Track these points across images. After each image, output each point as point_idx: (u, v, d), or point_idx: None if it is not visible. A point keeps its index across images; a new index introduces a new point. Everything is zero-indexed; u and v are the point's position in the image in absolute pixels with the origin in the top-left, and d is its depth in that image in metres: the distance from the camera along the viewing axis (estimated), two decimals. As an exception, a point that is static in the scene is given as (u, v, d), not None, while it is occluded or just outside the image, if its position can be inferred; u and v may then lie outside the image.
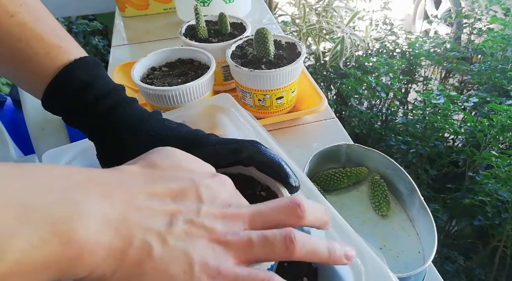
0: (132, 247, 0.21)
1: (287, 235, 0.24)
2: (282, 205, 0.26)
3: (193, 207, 0.24)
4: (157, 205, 0.23)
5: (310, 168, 0.56)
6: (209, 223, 0.24)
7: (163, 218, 0.23)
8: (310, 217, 0.26)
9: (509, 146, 1.11)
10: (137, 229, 0.22)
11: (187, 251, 0.22)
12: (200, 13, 0.65)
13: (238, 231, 0.25)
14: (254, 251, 0.24)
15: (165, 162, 0.27)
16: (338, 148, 0.58)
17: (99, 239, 0.20)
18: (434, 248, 0.46)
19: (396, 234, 0.52)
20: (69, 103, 0.35)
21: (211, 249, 0.23)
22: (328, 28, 1.50)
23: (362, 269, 0.30)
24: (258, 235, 0.24)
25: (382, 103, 1.57)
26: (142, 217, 0.22)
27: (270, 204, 0.27)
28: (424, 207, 0.50)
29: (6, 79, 1.30)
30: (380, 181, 0.56)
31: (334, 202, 0.56)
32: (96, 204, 0.21)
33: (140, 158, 0.27)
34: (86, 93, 0.35)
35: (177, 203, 0.24)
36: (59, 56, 0.35)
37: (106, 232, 0.21)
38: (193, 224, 0.24)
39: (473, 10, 1.72)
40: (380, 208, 0.54)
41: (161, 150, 0.28)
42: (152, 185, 0.24)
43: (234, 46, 0.64)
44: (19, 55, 0.35)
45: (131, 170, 0.25)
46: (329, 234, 0.33)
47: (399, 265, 0.48)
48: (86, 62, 0.36)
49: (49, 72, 0.35)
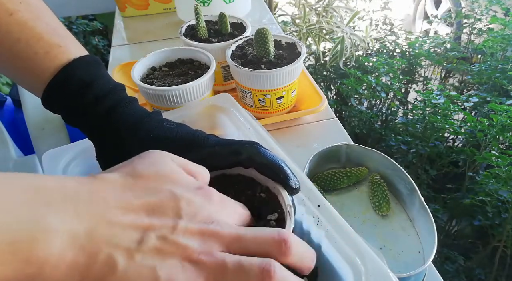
0: (96, 263, 0.21)
1: (266, 268, 0.22)
2: (267, 236, 0.25)
3: (169, 222, 0.23)
4: (129, 220, 0.22)
5: (310, 168, 0.56)
6: (184, 241, 0.23)
7: (134, 234, 0.22)
8: (295, 257, 0.25)
9: (509, 146, 1.11)
10: (105, 245, 0.21)
11: (154, 269, 0.22)
12: (200, 13, 0.65)
13: (214, 252, 0.23)
14: (227, 276, 0.23)
15: (147, 171, 0.25)
16: (338, 148, 0.58)
17: (63, 255, 0.20)
18: (434, 248, 0.46)
19: (396, 234, 0.52)
20: (68, 103, 0.35)
21: (181, 268, 0.22)
22: (328, 28, 1.50)
23: (362, 269, 0.30)
24: (234, 260, 0.23)
25: (382, 103, 1.57)
26: (112, 232, 0.22)
27: (256, 231, 0.25)
28: (424, 207, 0.50)
29: (7, 77, 1.30)
30: (380, 181, 0.56)
31: (334, 202, 0.56)
32: (63, 220, 0.21)
33: (124, 165, 0.26)
34: (85, 93, 0.35)
35: (152, 218, 0.23)
36: (58, 56, 0.35)
37: (71, 248, 0.20)
38: (166, 241, 0.22)
39: (473, 10, 1.72)
40: (380, 208, 0.54)
41: (149, 156, 0.27)
42: (128, 197, 0.23)
43: (234, 46, 0.64)
44: (18, 54, 0.34)
45: (109, 179, 0.24)
46: (329, 234, 0.33)
47: (399, 265, 0.48)
48: (86, 62, 0.36)
49: (48, 72, 0.35)
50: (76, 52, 0.36)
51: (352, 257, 0.31)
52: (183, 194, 0.25)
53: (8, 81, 1.32)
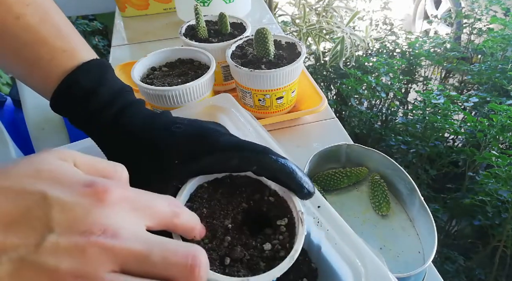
0: None
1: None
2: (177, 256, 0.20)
3: (31, 239, 0.18)
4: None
5: (310, 168, 0.56)
6: (52, 261, 0.17)
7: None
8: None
9: (509, 146, 1.11)
10: None
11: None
12: (200, 13, 0.65)
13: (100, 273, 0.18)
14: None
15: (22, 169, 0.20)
16: (338, 148, 0.58)
17: None
18: (434, 248, 0.46)
19: (396, 234, 0.52)
20: (75, 109, 0.35)
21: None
22: (328, 28, 1.50)
23: (362, 270, 0.30)
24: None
25: (382, 103, 1.57)
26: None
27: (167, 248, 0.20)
28: (424, 207, 0.50)
29: (7, 78, 1.30)
30: (380, 181, 0.56)
31: (334, 202, 0.56)
32: None
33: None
34: (90, 101, 0.34)
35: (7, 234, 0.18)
36: (62, 62, 0.34)
37: None
38: (24, 263, 0.17)
39: (473, 10, 1.72)
40: (380, 208, 0.54)
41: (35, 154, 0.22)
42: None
43: (234, 46, 0.64)
44: (24, 59, 0.34)
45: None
46: (329, 235, 0.32)
47: (399, 265, 0.48)
48: (88, 69, 0.35)
49: (53, 79, 0.34)
50: (82, 56, 0.36)
51: (352, 258, 0.31)
52: (58, 197, 0.19)
53: (8, 81, 1.32)
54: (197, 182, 0.35)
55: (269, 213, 0.33)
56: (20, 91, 0.89)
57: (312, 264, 0.36)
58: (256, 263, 0.30)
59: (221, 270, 0.28)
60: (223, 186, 0.35)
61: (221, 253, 0.30)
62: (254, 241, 0.31)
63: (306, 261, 0.36)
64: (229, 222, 0.32)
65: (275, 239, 0.31)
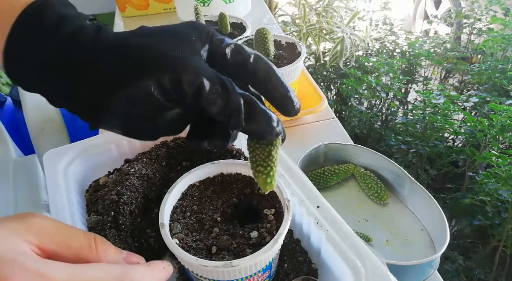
0: None
1: None
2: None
3: None
4: None
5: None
6: None
7: None
8: None
9: (509, 146, 1.11)
10: None
11: None
12: (200, 13, 0.65)
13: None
14: None
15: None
16: (317, 150, 0.59)
17: None
18: (444, 222, 0.47)
19: (396, 219, 0.53)
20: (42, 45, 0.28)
21: None
22: (328, 28, 1.50)
23: (362, 271, 0.30)
24: None
25: (382, 103, 1.57)
26: None
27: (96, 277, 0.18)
28: (415, 184, 0.52)
29: (7, 78, 1.30)
30: (366, 172, 0.57)
31: (328, 201, 0.57)
32: None
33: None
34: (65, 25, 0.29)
35: None
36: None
37: None
38: None
39: (473, 10, 1.72)
40: (381, 197, 0.55)
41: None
42: None
43: (234, 46, 0.64)
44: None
45: None
46: (329, 236, 0.33)
47: (410, 247, 0.50)
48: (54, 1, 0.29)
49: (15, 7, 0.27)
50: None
51: (352, 258, 0.31)
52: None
53: (8, 81, 1.32)
54: (189, 181, 0.36)
55: (259, 205, 0.34)
56: (20, 91, 0.89)
57: (312, 264, 0.36)
58: (242, 250, 0.30)
59: (208, 259, 0.29)
60: (214, 184, 0.36)
61: (208, 243, 0.31)
62: (241, 231, 0.32)
63: (306, 262, 0.36)
64: (218, 216, 0.33)
65: (262, 228, 0.32)
